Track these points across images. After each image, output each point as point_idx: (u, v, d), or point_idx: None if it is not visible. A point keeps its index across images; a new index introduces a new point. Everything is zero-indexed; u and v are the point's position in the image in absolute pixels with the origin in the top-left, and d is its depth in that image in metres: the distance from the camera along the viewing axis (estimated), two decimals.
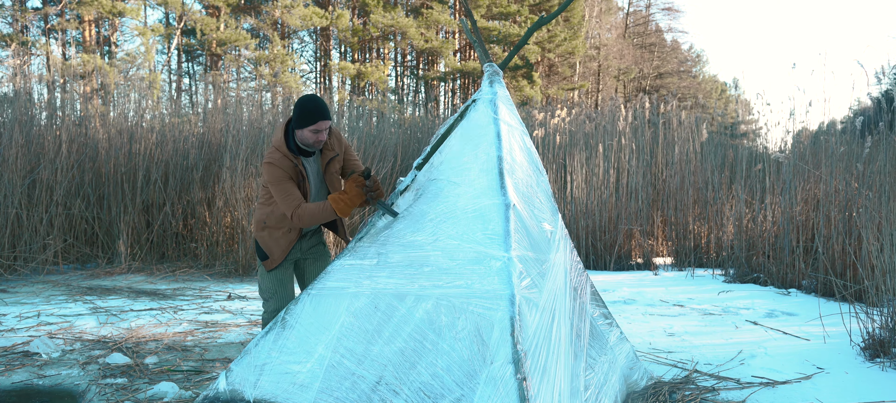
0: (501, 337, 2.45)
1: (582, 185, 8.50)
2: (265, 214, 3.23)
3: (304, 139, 3.03)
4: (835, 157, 6.76)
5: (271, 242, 3.22)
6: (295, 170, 3.06)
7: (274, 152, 3.05)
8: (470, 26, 3.62)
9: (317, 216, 2.98)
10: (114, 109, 9.15)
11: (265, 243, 3.24)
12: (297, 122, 2.99)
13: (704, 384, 3.70)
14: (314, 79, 27.17)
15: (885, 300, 4.33)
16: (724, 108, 20.10)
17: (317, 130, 2.99)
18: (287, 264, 3.31)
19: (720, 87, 44.08)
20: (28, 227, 7.04)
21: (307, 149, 3.10)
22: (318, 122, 2.97)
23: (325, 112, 3.00)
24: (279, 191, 3.00)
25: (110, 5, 18.59)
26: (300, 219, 2.99)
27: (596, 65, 32.90)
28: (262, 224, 3.23)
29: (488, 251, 2.67)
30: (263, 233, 3.24)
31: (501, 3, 25.07)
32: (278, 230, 3.21)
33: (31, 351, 4.15)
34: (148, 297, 5.94)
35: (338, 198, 2.95)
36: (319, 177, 3.23)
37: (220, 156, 8.03)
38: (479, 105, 3.25)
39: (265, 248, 3.25)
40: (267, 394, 2.84)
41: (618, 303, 5.96)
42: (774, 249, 7.02)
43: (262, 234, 3.25)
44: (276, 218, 3.19)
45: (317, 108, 2.96)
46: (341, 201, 2.94)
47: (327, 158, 3.19)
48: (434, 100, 23.01)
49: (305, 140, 3.03)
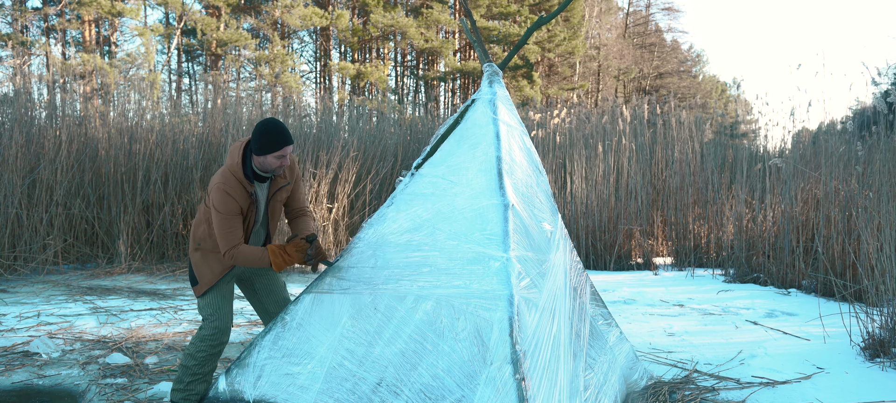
0: (500, 338, 2.45)
1: (582, 185, 8.50)
2: (201, 236, 2.96)
3: (266, 165, 2.83)
4: (834, 157, 6.76)
5: (204, 266, 2.96)
6: (247, 201, 2.87)
7: (230, 179, 2.81)
8: (470, 26, 3.62)
9: (251, 261, 2.83)
10: (114, 109, 9.15)
11: (197, 266, 2.97)
12: (261, 148, 2.78)
13: (704, 384, 3.70)
14: (314, 79, 27.18)
15: (885, 300, 4.33)
16: (724, 108, 20.11)
17: (281, 155, 2.80)
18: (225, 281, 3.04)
19: (720, 87, 44.06)
20: (28, 227, 7.04)
21: (263, 174, 2.91)
22: (284, 147, 2.79)
23: (290, 137, 2.82)
24: (223, 224, 2.79)
25: (109, 5, 18.59)
26: (234, 259, 2.82)
27: (596, 65, 32.89)
28: (197, 244, 2.97)
29: (487, 251, 2.67)
30: (197, 255, 2.98)
31: (501, 3, 25.07)
32: (214, 254, 2.96)
33: (31, 351, 4.15)
34: (148, 297, 5.94)
35: (278, 253, 2.82)
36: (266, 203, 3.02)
37: (220, 156, 8.03)
38: (478, 105, 3.25)
39: (196, 272, 2.98)
40: (267, 395, 2.84)
41: (618, 303, 5.96)
42: (774, 249, 7.02)
43: (195, 256, 2.98)
44: (212, 241, 2.95)
45: (282, 134, 2.78)
46: (280, 257, 2.82)
47: (278, 186, 3.00)
48: (434, 100, 23.02)
49: (267, 166, 2.83)
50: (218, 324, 2.99)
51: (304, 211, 3.14)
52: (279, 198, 3.04)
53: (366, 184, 8.52)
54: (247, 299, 3.30)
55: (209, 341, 2.99)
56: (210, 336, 2.99)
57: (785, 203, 6.99)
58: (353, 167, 8.26)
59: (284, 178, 3.02)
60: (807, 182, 7.09)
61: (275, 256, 2.82)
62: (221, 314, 3.00)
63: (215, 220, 2.81)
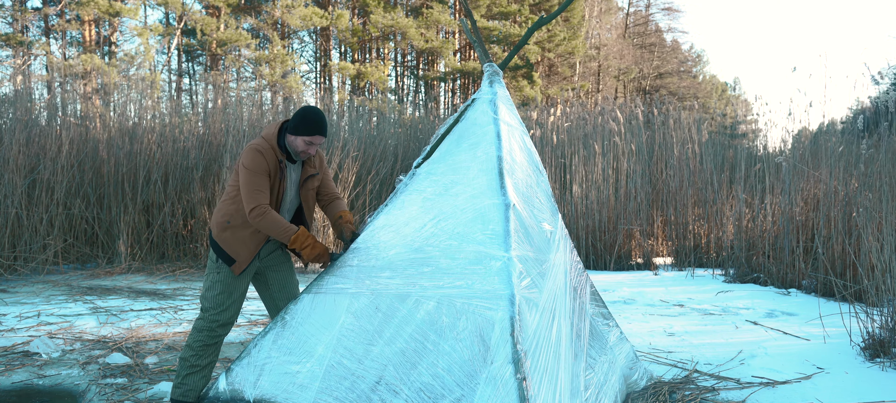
0: (501, 337, 2.45)
1: (582, 185, 8.50)
2: (230, 213, 2.97)
3: (295, 146, 2.94)
4: (834, 158, 6.77)
5: (237, 243, 2.95)
6: (277, 167, 2.94)
7: (263, 142, 2.93)
8: (470, 26, 3.62)
9: (276, 228, 2.86)
10: (114, 109, 9.16)
11: (229, 245, 2.96)
12: (295, 128, 2.90)
13: (704, 384, 3.70)
14: (314, 80, 27.18)
15: (885, 300, 4.33)
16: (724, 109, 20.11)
17: (310, 142, 2.92)
18: (247, 273, 3.04)
19: (720, 87, 44.08)
20: (28, 227, 7.04)
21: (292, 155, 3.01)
22: (315, 136, 2.90)
23: (325, 129, 2.93)
24: (251, 181, 2.84)
25: (107, 5, 18.57)
26: (260, 218, 2.84)
27: (596, 65, 32.90)
28: (225, 224, 2.97)
29: (488, 251, 2.68)
30: (226, 234, 2.96)
31: (501, 3, 25.07)
32: (245, 230, 2.96)
33: (31, 351, 4.15)
34: (148, 297, 5.94)
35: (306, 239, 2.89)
36: (296, 186, 3.09)
37: (220, 156, 8.03)
38: (478, 105, 3.25)
39: (229, 251, 2.95)
40: (267, 394, 2.84)
41: (618, 303, 5.96)
42: (774, 249, 7.02)
43: (224, 235, 2.96)
44: (242, 216, 2.96)
45: (318, 122, 2.90)
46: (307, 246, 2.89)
47: (308, 173, 3.09)
48: (434, 100, 23.01)
49: (295, 147, 2.94)
50: (217, 318, 3.00)
51: (334, 196, 3.26)
52: (310, 185, 3.13)
53: (366, 183, 8.52)
54: (259, 294, 3.28)
55: (206, 332, 3.01)
56: (207, 329, 3.01)
57: (785, 203, 6.99)
58: (353, 167, 8.26)
59: (313, 167, 3.12)
60: (807, 182, 7.09)
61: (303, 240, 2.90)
62: (223, 310, 3.00)
63: (243, 178, 2.88)
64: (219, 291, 2.99)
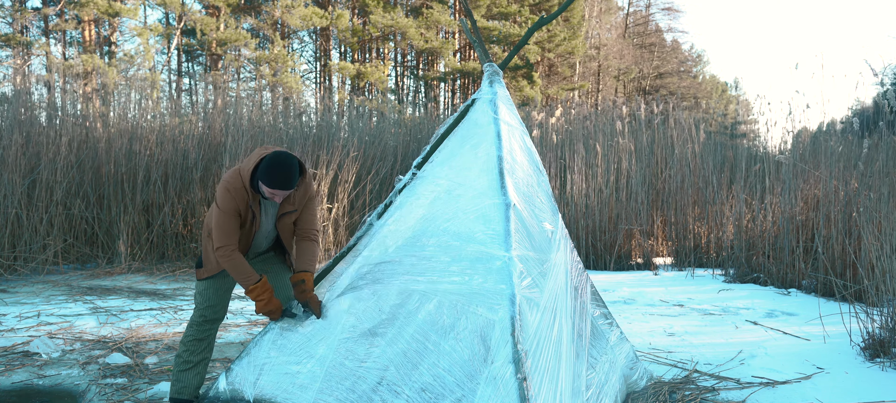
0: (502, 337, 2.45)
1: (582, 185, 8.50)
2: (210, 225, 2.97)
3: (261, 189, 2.82)
4: (834, 157, 6.76)
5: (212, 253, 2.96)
6: (246, 207, 2.86)
7: (236, 180, 2.82)
8: (470, 26, 3.62)
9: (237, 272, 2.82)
10: (114, 109, 9.15)
11: (206, 253, 2.99)
12: (261, 173, 2.75)
13: (704, 384, 3.70)
14: (314, 80, 27.18)
15: (885, 300, 4.33)
16: (724, 108, 20.11)
17: (271, 193, 2.79)
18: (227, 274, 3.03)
19: (720, 87, 44.09)
20: (28, 227, 7.04)
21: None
22: (277, 190, 2.76)
23: (288, 183, 2.75)
24: (221, 221, 2.80)
25: (106, 5, 18.56)
26: (225, 259, 2.81)
27: (596, 65, 32.90)
28: (208, 232, 2.97)
29: (489, 251, 2.67)
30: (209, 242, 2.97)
31: (501, 3, 25.07)
32: None
33: (31, 351, 4.15)
34: (148, 297, 5.94)
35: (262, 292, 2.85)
36: (273, 220, 3.02)
37: (220, 156, 8.03)
38: (478, 105, 3.25)
39: (204, 257, 3.00)
40: (267, 394, 2.84)
41: (618, 303, 5.96)
42: (774, 249, 7.02)
43: (207, 242, 2.99)
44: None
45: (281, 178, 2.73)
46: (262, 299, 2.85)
47: (284, 210, 2.99)
48: (434, 100, 23.02)
49: (262, 190, 2.82)
50: (206, 314, 3.04)
51: (308, 235, 3.05)
52: (286, 220, 3.02)
53: (366, 183, 8.52)
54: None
55: (195, 326, 3.04)
56: (196, 322, 3.05)
57: (785, 203, 6.99)
58: (352, 167, 8.26)
59: (291, 205, 2.98)
60: (807, 182, 7.09)
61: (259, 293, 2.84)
62: (211, 305, 3.04)
63: (215, 216, 2.83)
64: (205, 286, 3.04)
